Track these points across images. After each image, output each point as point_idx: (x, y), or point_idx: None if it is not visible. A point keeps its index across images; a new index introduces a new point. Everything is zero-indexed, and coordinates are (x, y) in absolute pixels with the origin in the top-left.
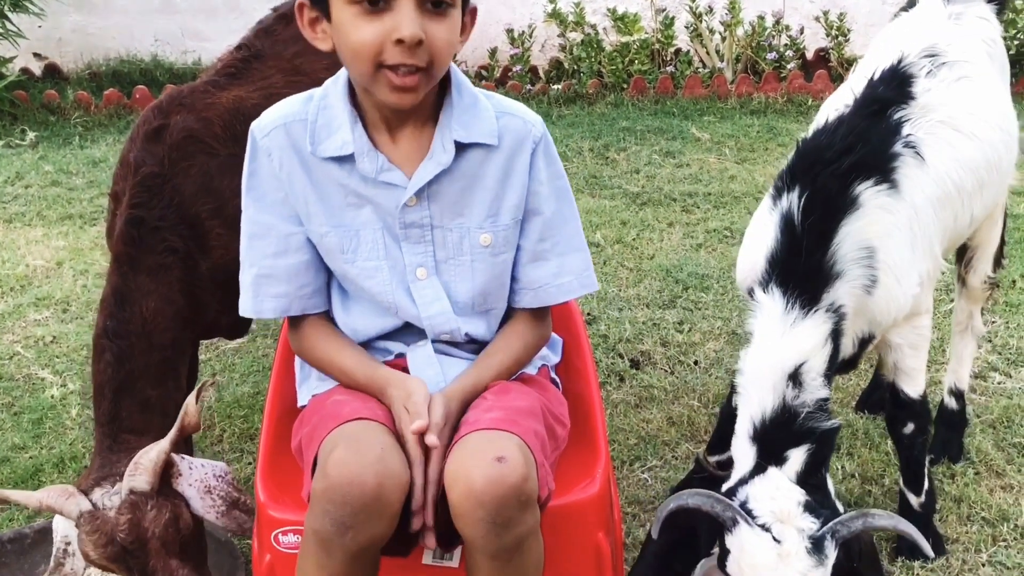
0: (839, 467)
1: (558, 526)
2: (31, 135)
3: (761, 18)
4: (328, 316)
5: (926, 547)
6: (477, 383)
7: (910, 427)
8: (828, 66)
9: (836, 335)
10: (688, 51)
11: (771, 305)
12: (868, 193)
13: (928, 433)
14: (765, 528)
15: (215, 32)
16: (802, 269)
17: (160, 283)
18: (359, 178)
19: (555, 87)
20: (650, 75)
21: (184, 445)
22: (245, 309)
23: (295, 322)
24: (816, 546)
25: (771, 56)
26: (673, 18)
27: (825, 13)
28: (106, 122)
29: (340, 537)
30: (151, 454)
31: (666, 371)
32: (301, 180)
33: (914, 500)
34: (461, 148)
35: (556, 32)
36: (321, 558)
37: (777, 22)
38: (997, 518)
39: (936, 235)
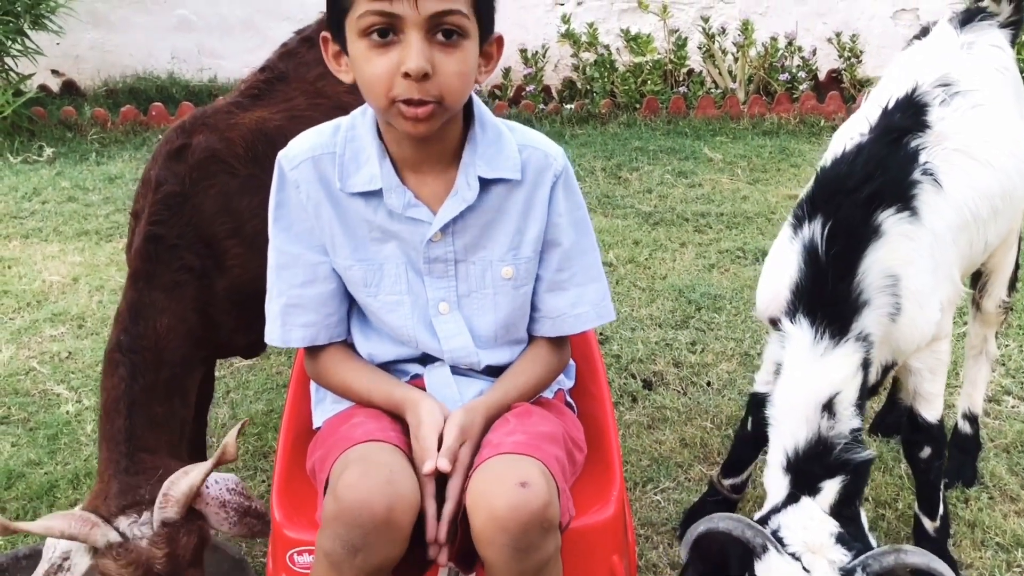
0: None
1: (573, 549)
2: (48, 151)
3: (774, 39)
4: (347, 343)
5: None
6: (502, 400)
7: (927, 451)
8: (840, 87)
9: (866, 364)
10: (701, 72)
11: (800, 335)
12: (890, 221)
13: (944, 457)
14: (795, 557)
15: (231, 50)
16: (829, 298)
17: (174, 300)
18: (385, 213)
19: (568, 107)
20: (663, 95)
21: (197, 455)
22: (272, 338)
23: (315, 349)
24: None
25: (783, 77)
26: (686, 39)
27: (838, 34)
28: (122, 139)
29: (351, 559)
30: (182, 487)
31: (679, 392)
32: (328, 213)
33: (929, 525)
34: (485, 184)
35: (569, 52)
36: None
37: (790, 43)
38: (1012, 543)
39: (955, 261)
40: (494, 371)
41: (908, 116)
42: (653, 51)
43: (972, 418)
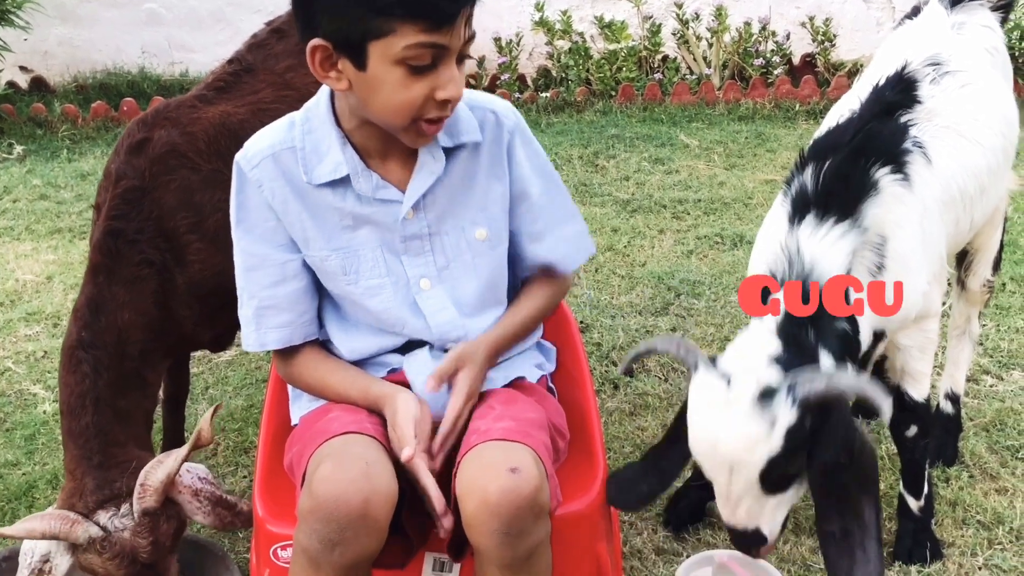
0: None
1: (558, 536)
2: (18, 149)
3: (747, 24)
4: (320, 342)
5: (885, 407)
6: (504, 332)
7: (913, 430)
8: (815, 71)
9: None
10: (676, 58)
11: (809, 221)
12: (886, 180)
13: (930, 437)
14: (723, 374)
15: (201, 44)
16: (828, 195)
17: (135, 294)
18: (354, 199)
19: (543, 95)
20: (638, 82)
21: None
22: (249, 344)
23: (289, 351)
24: (765, 396)
25: (758, 62)
26: (660, 25)
27: (811, 19)
28: (94, 135)
29: (328, 554)
30: (159, 475)
31: (660, 378)
32: (296, 208)
33: (913, 504)
34: (449, 152)
35: (544, 40)
36: (311, 575)
37: (763, 28)
38: (992, 521)
39: (942, 238)
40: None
41: (898, 92)
42: (628, 38)
43: (954, 398)
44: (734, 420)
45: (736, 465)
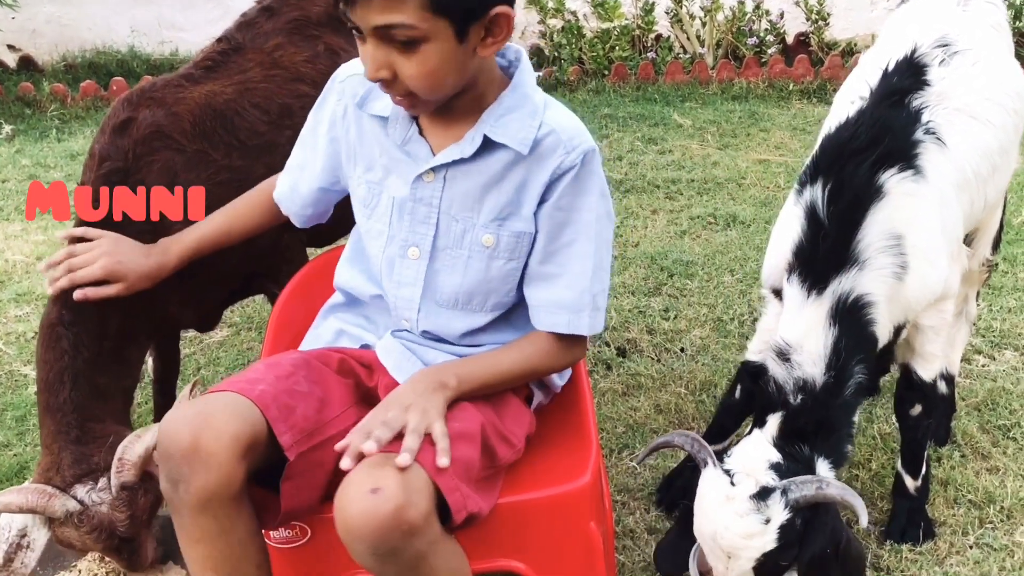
0: None
1: (550, 517)
2: (7, 128)
3: (741, 3)
4: (275, 207)
5: (863, 519)
6: (477, 367)
7: (918, 409)
8: (808, 51)
9: (859, 321)
10: (669, 37)
11: (791, 292)
12: (893, 181)
13: (933, 417)
14: (728, 473)
15: (192, 22)
16: (820, 255)
17: None
18: (391, 142)
19: (536, 74)
20: (631, 61)
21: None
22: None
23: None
24: (761, 496)
25: (751, 41)
26: (654, 4)
27: None
28: (83, 114)
29: (175, 492)
30: (137, 449)
31: (652, 359)
32: (355, 127)
33: (910, 483)
34: (490, 145)
35: (536, 19)
36: (176, 520)
37: (757, 7)
38: (983, 500)
39: (959, 219)
40: (463, 347)
41: (908, 77)
42: (621, 16)
43: (949, 378)
44: (734, 515)
45: (734, 554)
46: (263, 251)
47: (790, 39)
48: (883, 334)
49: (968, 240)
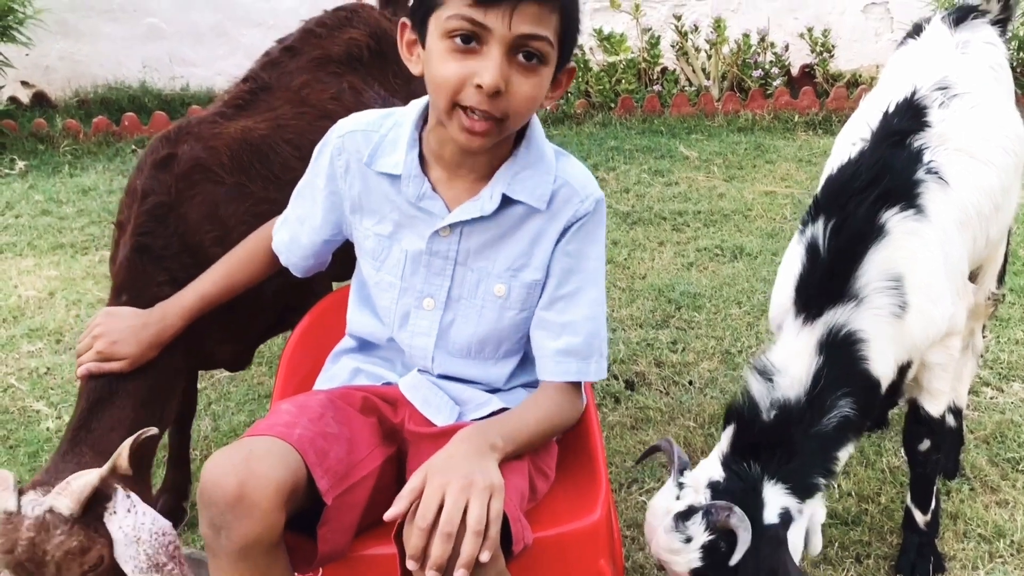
0: (835, 486)
1: (561, 555)
2: (20, 164)
3: (746, 35)
4: (274, 256)
5: (735, 557)
6: (513, 430)
7: (926, 444)
8: (814, 82)
9: (849, 356)
10: (675, 70)
11: (788, 321)
12: (894, 220)
13: (941, 452)
14: (680, 486)
15: (202, 58)
16: (817, 290)
17: None
18: (404, 200)
19: (543, 108)
20: (637, 94)
21: (180, 468)
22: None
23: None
24: (685, 516)
25: (757, 73)
26: (659, 37)
27: (809, 30)
28: (95, 150)
29: (217, 539)
30: (83, 480)
31: (661, 392)
32: (360, 183)
33: (920, 518)
34: (508, 201)
35: None
36: (213, 563)
37: (762, 39)
38: (993, 535)
39: (964, 256)
40: (484, 386)
41: (909, 118)
42: (627, 50)
43: (957, 412)
44: (662, 530)
45: (667, 567)
46: (298, 281)
47: (795, 71)
48: (883, 373)
49: (973, 276)
